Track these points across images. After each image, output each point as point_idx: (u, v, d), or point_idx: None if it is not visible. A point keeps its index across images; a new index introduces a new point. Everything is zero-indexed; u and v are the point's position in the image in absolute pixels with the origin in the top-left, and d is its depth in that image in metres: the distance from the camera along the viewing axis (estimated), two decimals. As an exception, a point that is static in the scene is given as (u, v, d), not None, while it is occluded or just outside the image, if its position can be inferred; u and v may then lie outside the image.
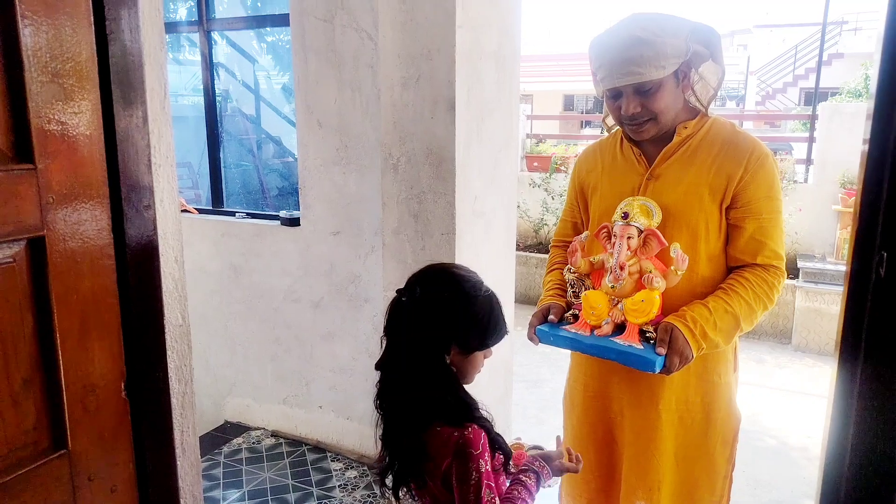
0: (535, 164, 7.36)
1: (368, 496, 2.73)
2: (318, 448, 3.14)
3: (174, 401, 1.29)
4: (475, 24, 2.29)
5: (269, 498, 2.74)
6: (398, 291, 1.23)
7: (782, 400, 4.02)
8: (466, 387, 1.26)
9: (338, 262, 2.96)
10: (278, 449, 3.15)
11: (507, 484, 1.28)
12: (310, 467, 2.97)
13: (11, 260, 0.97)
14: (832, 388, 0.63)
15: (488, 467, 1.16)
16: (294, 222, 3.07)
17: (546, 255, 1.92)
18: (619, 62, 1.44)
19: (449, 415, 1.18)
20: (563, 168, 6.70)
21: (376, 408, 1.27)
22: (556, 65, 18.45)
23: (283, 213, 3.14)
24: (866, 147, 0.60)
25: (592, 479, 1.74)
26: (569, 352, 1.71)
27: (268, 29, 4.67)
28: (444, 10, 2.20)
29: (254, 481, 2.86)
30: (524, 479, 1.29)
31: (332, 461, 3.02)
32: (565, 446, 1.44)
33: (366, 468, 2.94)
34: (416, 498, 1.28)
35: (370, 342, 2.92)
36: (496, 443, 1.22)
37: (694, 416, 1.59)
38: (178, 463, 1.31)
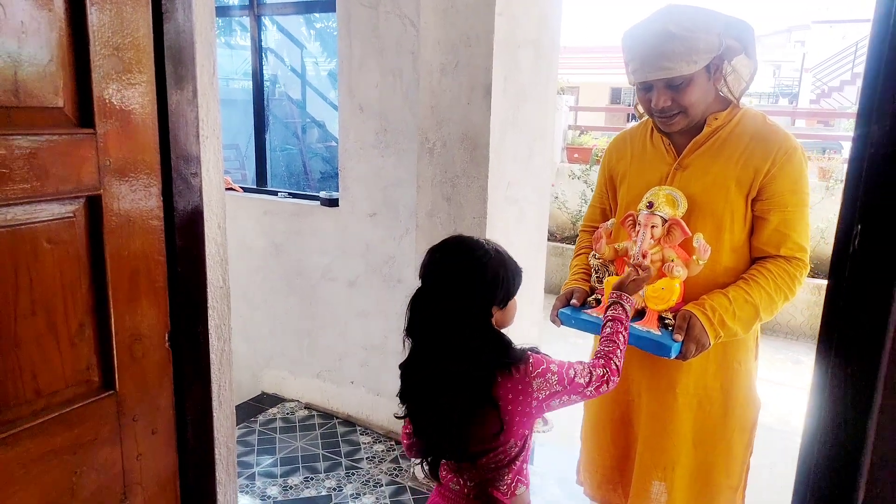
0: (576, 155, 7.34)
1: (394, 469, 2.82)
2: (349, 422, 3.25)
3: (213, 356, 1.39)
4: (514, 12, 2.33)
5: (300, 465, 2.85)
6: (418, 291, 1.26)
7: (816, 402, 3.95)
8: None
9: (373, 242, 3.05)
10: (310, 420, 3.27)
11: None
12: (340, 439, 3.08)
13: (72, 215, 1.08)
14: (814, 364, 0.67)
15: (558, 365, 1.24)
16: (333, 203, 3.16)
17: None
18: (650, 56, 1.45)
19: (504, 365, 1.21)
20: (603, 160, 6.66)
21: (408, 402, 1.28)
22: (603, 56, 18.16)
23: (322, 194, 3.24)
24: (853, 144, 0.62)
25: (608, 456, 1.79)
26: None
27: (316, 15, 4.78)
28: (484, -3, 2.24)
29: (286, 449, 2.99)
30: (613, 313, 1.39)
31: (361, 434, 3.13)
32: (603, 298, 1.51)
33: (393, 443, 3.03)
34: (453, 474, 1.30)
35: (402, 321, 2.97)
36: None
37: (713, 402, 1.62)
38: (215, 415, 1.41)
